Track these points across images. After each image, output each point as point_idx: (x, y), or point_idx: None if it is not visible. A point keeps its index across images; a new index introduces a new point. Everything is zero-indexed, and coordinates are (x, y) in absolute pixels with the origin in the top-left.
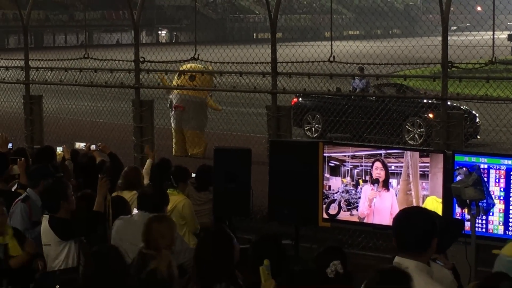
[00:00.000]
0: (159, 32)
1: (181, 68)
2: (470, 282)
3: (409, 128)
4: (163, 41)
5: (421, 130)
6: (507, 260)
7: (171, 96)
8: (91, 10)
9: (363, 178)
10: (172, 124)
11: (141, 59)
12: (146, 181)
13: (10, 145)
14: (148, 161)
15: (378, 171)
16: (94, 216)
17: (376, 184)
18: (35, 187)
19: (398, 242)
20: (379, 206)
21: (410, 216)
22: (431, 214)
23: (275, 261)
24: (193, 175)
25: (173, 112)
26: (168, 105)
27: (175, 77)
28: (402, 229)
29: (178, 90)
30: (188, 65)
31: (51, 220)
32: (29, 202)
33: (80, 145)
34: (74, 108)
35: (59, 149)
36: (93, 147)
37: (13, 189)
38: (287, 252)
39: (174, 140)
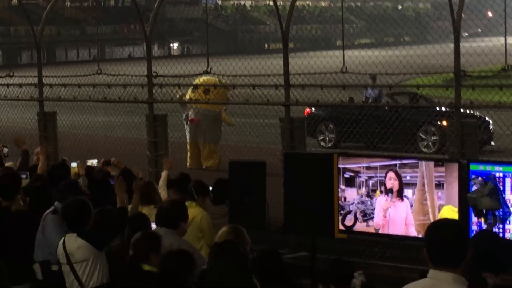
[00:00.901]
0: (171, 44)
1: (195, 82)
2: None
3: (423, 136)
4: (175, 53)
5: (435, 138)
6: None
7: (187, 110)
8: (103, 25)
9: (379, 189)
10: (187, 137)
11: (154, 74)
12: (164, 194)
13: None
14: (164, 173)
15: (391, 181)
16: (121, 211)
17: (390, 194)
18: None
19: (433, 255)
20: (394, 216)
21: (447, 228)
22: (463, 225)
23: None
24: (209, 188)
25: (188, 125)
26: (183, 118)
27: (190, 91)
28: (437, 241)
29: (192, 104)
30: (202, 79)
31: (82, 235)
32: (59, 214)
33: (93, 162)
34: (88, 123)
35: (74, 165)
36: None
37: None
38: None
39: (188, 153)
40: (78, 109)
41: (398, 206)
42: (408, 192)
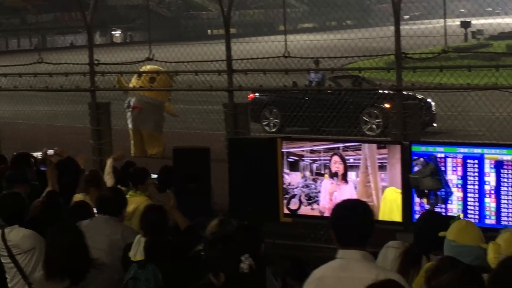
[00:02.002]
0: (113, 32)
1: (140, 69)
2: None
3: (366, 119)
4: (117, 41)
5: (378, 120)
6: (452, 245)
7: (129, 97)
8: (43, 13)
9: (323, 172)
10: (130, 125)
11: (96, 62)
12: (110, 181)
13: None
14: (109, 161)
15: (336, 165)
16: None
17: (335, 178)
18: None
19: (339, 236)
20: (340, 199)
21: (350, 209)
22: (367, 204)
23: None
24: (155, 175)
25: (130, 113)
26: (125, 106)
27: (135, 78)
28: (343, 222)
29: (136, 91)
30: (149, 67)
31: (25, 225)
32: None
33: (38, 155)
34: (30, 113)
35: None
36: (50, 152)
37: None
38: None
39: (132, 141)
40: (19, 99)
41: (343, 189)
42: (351, 174)
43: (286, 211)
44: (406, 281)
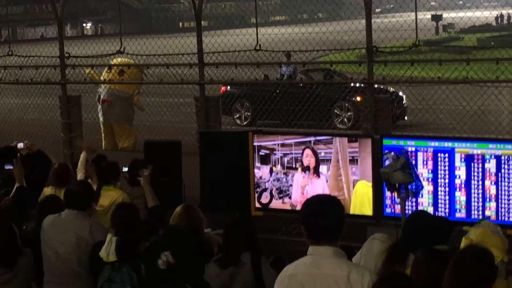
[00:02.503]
0: (84, 24)
1: (111, 62)
2: None
3: (337, 113)
4: (88, 33)
5: (350, 113)
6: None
7: (99, 90)
8: (13, 5)
9: (294, 165)
10: (100, 118)
11: (67, 55)
12: (80, 175)
13: None
14: (82, 155)
15: (308, 159)
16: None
17: (307, 172)
18: None
19: (310, 232)
20: (311, 193)
21: (321, 205)
22: (337, 200)
23: None
24: (125, 169)
25: (100, 106)
26: (96, 98)
27: (105, 71)
28: (315, 219)
29: (106, 84)
30: (118, 60)
31: None
32: None
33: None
34: (0, 105)
35: None
36: (20, 145)
37: None
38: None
39: (103, 134)
40: None
41: (315, 183)
42: (323, 168)
43: (257, 205)
44: None
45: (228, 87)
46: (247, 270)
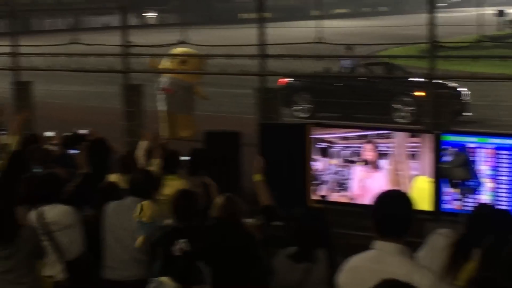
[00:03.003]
0: (147, 14)
1: (172, 52)
2: None
3: (397, 107)
4: (151, 23)
5: (410, 108)
6: None
7: (160, 79)
8: None
9: (354, 159)
10: (159, 107)
11: (129, 44)
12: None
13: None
14: (142, 143)
15: (368, 152)
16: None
17: (367, 165)
18: None
19: (378, 226)
20: (370, 186)
21: (393, 200)
22: (408, 196)
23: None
24: (184, 158)
25: (162, 94)
26: (155, 87)
27: (166, 60)
28: (385, 213)
29: (167, 74)
30: (180, 49)
31: (63, 202)
32: None
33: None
34: (64, 93)
35: (49, 134)
36: (83, 132)
37: None
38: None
39: (162, 123)
40: (53, 79)
41: (374, 176)
42: (382, 162)
43: (315, 197)
44: (451, 275)
45: (289, 79)
46: (322, 267)
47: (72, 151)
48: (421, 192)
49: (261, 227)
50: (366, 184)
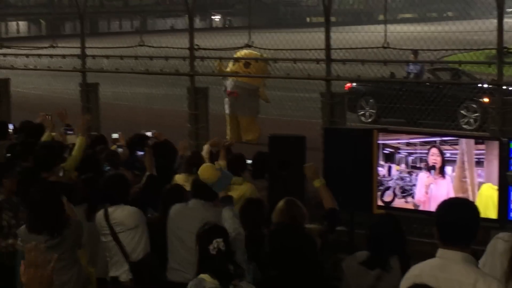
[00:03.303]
0: (213, 17)
1: (235, 55)
2: None
3: (464, 113)
4: (217, 26)
5: (476, 115)
6: None
7: (225, 82)
8: None
9: (419, 165)
10: (226, 110)
11: (196, 47)
12: None
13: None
14: (206, 147)
15: (434, 158)
16: (150, 178)
17: (432, 171)
18: None
19: (443, 234)
20: (436, 193)
21: (458, 208)
22: (475, 204)
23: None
24: (249, 161)
25: (227, 98)
26: (223, 90)
27: (230, 63)
28: (450, 221)
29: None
30: (243, 52)
31: (130, 203)
32: None
33: (114, 135)
34: (130, 94)
35: (115, 135)
36: (148, 134)
37: None
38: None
39: (228, 126)
40: (120, 81)
41: (439, 183)
42: (448, 169)
43: (380, 202)
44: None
45: (354, 84)
46: (395, 275)
47: (138, 153)
48: (487, 199)
49: (324, 232)
50: (431, 191)
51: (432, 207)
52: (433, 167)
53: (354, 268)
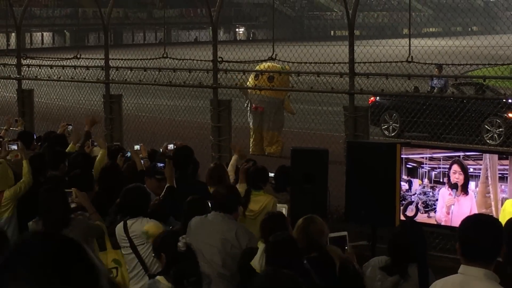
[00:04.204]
0: (237, 29)
1: (258, 67)
2: None
3: (488, 128)
4: (241, 38)
5: (501, 129)
6: None
7: (249, 99)
8: (169, 8)
9: (442, 180)
10: (251, 124)
11: (219, 59)
12: (231, 178)
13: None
14: (234, 157)
15: (456, 175)
16: (169, 190)
17: (454, 190)
18: None
19: (465, 251)
20: (457, 213)
21: (481, 224)
22: (499, 221)
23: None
24: (271, 174)
25: (251, 111)
26: (246, 104)
27: (252, 77)
28: (473, 237)
29: (256, 90)
30: (266, 65)
31: (149, 216)
32: None
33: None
34: (153, 106)
35: (137, 147)
36: (170, 146)
37: None
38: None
39: (251, 139)
40: (143, 92)
41: (462, 201)
42: (471, 184)
43: (402, 217)
44: None
45: (377, 98)
46: (412, 284)
47: (160, 165)
48: (511, 215)
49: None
50: (453, 211)
51: (454, 223)
52: (455, 185)
53: (375, 272)
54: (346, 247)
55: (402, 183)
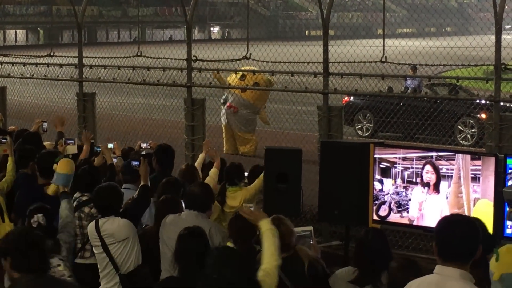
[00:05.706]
0: (211, 28)
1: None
2: None
3: (461, 129)
4: (215, 37)
5: (473, 130)
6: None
7: (225, 93)
8: (144, 7)
9: (415, 180)
10: (223, 122)
11: (194, 58)
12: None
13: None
14: (201, 156)
15: (429, 175)
16: (143, 189)
17: (426, 188)
18: None
19: (441, 251)
20: (430, 209)
21: (458, 225)
22: (476, 222)
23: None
24: (245, 173)
25: (224, 109)
26: (221, 101)
27: (231, 76)
28: (449, 238)
29: (234, 90)
30: (246, 67)
31: (121, 215)
32: None
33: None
34: (127, 105)
35: (110, 145)
36: (144, 145)
37: None
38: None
39: (224, 138)
40: (117, 91)
41: (433, 199)
42: (444, 184)
43: (375, 217)
44: None
45: (351, 98)
46: None
47: (133, 163)
48: (483, 216)
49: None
50: (425, 208)
51: (426, 223)
52: (427, 184)
53: (344, 286)
54: (311, 241)
55: (375, 183)
